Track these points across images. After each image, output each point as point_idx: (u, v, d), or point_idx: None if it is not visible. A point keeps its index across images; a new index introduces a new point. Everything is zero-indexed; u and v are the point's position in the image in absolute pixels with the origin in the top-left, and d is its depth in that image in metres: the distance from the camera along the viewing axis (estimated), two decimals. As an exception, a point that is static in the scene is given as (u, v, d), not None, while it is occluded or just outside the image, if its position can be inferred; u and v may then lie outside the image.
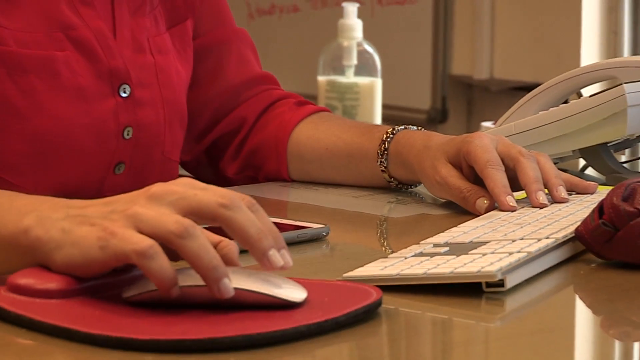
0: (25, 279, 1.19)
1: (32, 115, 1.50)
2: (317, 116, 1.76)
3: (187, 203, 1.16)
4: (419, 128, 1.68)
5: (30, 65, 1.52)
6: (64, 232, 1.18)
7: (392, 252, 1.33)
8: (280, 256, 1.15)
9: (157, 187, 1.18)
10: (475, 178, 1.59)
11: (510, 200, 1.50)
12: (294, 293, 1.16)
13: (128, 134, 1.59)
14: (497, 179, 1.55)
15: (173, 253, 1.15)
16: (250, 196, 1.21)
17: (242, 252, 1.25)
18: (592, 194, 1.56)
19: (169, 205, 1.16)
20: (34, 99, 1.52)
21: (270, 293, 1.15)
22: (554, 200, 1.55)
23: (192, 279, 1.17)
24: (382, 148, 1.68)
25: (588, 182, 1.58)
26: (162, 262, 1.12)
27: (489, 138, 1.59)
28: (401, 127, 1.70)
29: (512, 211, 1.52)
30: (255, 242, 1.17)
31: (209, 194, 1.17)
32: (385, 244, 1.36)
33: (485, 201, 1.57)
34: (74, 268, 1.17)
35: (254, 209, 1.19)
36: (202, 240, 1.12)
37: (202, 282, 1.15)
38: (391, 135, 1.67)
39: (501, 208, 1.55)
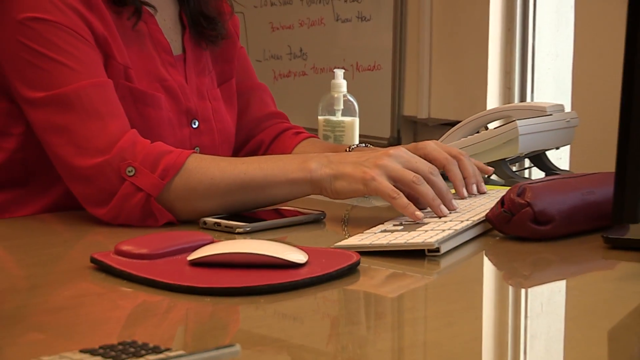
0: (126, 247, 1.24)
1: (144, 132, 1.49)
2: (308, 140, 1.77)
3: (412, 165, 1.37)
4: (367, 145, 1.71)
5: (146, 100, 1.55)
6: (337, 171, 1.37)
7: (366, 229, 1.38)
8: (444, 208, 1.36)
9: (393, 151, 1.39)
10: None
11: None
12: (300, 257, 1.20)
13: (196, 151, 1.59)
14: (455, 173, 1.54)
15: None
16: None
17: (259, 231, 1.38)
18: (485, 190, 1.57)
19: (402, 163, 1.36)
20: (146, 122, 1.54)
21: (284, 257, 1.20)
22: (470, 192, 1.54)
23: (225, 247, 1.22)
24: None
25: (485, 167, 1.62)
26: (402, 200, 1.33)
27: (436, 143, 1.59)
28: (354, 145, 1.73)
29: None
30: (460, 188, 1.48)
31: (421, 163, 1.39)
32: (361, 224, 1.37)
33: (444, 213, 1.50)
34: (342, 194, 1.39)
35: (450, 153, 1.46)
36: (427, 186, 1.35)
37: (233, 250, 1.21)
38: (348, 149, 1.69)
39: (459, 194, 1.54)
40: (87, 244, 1.35)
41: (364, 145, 1.71)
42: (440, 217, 1.41)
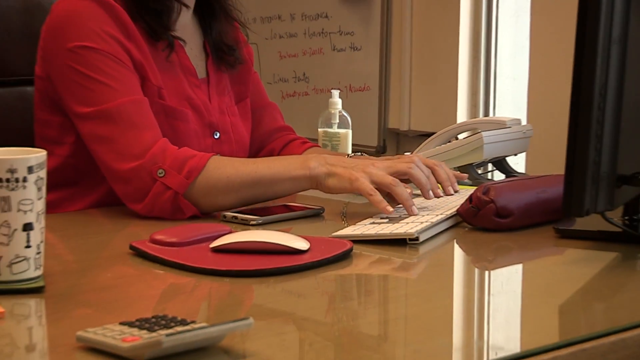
0: (159, 236, 1.23)
1: (174, 142, 1.46)
2: (312, 149, 1.73)
3: (393, 169, 1.38)
4: (362, 154, 1.67)
5: (176, 115, 1.53)
6: (331, 170, 1.37)
7: (358, 222, 1.37)
8: (415, 208, 1.35)
9: (377, 162, 1.40)
10: (404, 181, 1.51)
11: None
12: (303, 244, 1.20)
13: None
14: (430, 179, 1.49)
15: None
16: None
17: (269, 223, 1.37)
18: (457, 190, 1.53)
19: (384, 169, 1.37)
20: (176, 133, 1.52)
21: (290, 245, 1.19)
22: (446, 192, 1.49)
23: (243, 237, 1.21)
24: None
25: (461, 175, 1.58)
26: (377, 197, 1.34)
27: (418, 156, 1.56)
28: (352, 154, 1.70)
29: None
30: (424, 186, 1.39)
31: (402, 164, 1.39)
32: (354, 218, 1.36)
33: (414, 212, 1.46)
34: (333, 190, 1.39)
35: (426, 164, 1.42)
36: (402, 188, 1.35)
37: (248, 239, 1.20)
38: (347, 157, 1.62)
39: (434, 193, 1.48)
40: (126, 234, 1.34)
41: (359, 154, 1.69)
42: (410, 215, 1.41)
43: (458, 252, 1.35)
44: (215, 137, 1.60)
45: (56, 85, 1.49)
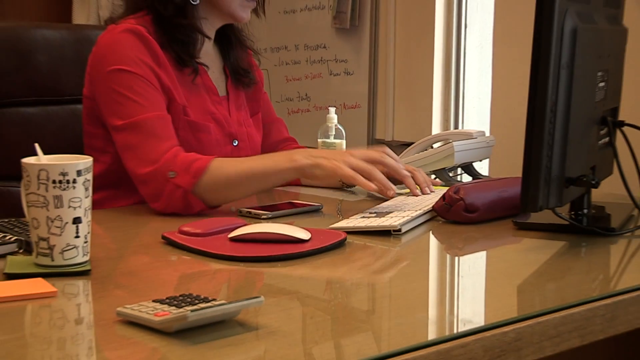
0: (186, 228, 1.23)
1: (199, 150, 1.46)
2: None
3: (368, 157, 1.35)
4: None
5: (199, 128, 1.53)
6: (315, 161, 1.34)
7: (351, 216, 1.37)
8: (391, 192, 1.35)
9: (354, 151, 1.36)
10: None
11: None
12: (305, 235, 1.20)
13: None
14: (409, 182, 1.47)
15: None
16: (288, 193, 1.32)
17: (277, 217, 1.36)
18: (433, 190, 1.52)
19: (361, 157, 1.33)
20: (200, 143, 1.52)
21: (294, 235, 1.19)
22: (424, 192, 1.50)
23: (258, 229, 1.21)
24: None
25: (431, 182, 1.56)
26: (359, 178, 1.31)
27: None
28: None
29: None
30: (400, 170, 1.37)
31: (375, 153, 1.36)
32: (350, 211, 1.36)
33: (391, 192, 1.45)
34: (317, 178, 1.39)
35: (392, 156, 1.39)
36: (378, 172, 1.33)
37: (260, 230, 1.19)
38: None
39: (413, 193, 1.48)
40: (157, 227, 1.31)
41: None
42: (389, 197, 1.44)
43: (433, 241, 1.34)
44: (234, 144, 1.59)
45: (98, 103, 1.48)
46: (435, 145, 1.75)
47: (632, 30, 1.54)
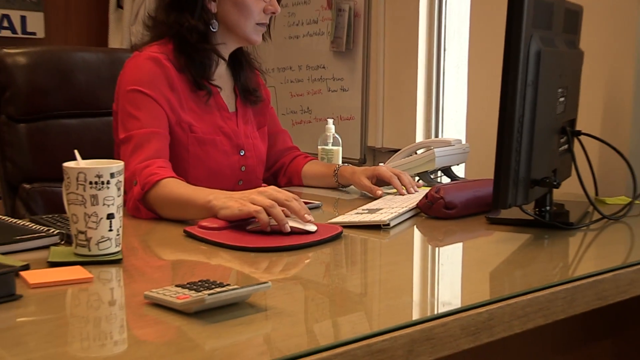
0: (205, 223, 1.22)
1: (208, 161, 1.48)
2: (312, 162, 1.71)
3: (273, 196, 1.21)
4: (347, 164, 1.68)
5: (208, 142, 1.50)
6: (224, 203, 1.23)
7: (346, 212, 1.36)
8: (288, 227, 1.17)
9: (260, 189, 1.24)
10: (376, 183, 1.56)
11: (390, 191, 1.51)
12: (312, 227, 1.20)
13: (243, 169, 1.58)
14: (396, 182, 1.52)
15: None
16: (293, 192, 1.26)
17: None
18: (417, 189, 1.53)
19: (265, 196, 1.20)
20: (207, 155, 1.50)
21: (303, 227, 1.19)
22: (409, 192, 1.51)
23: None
24: (335, 172, 1.64)
25: (416, 183, 1.57)
26: (264, 215, 1.17)
27: (390, 168, 1.58)
28: (341, 164, 1.72)
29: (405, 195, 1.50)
30: (298, 212, 1.20)
31: (280, 194, 1.22)
32: (346, 209, 1.36)
33: (379, 192, 1.52)
34: (228, 217, 1.21)
35: (291, 196, 1.23)
36: (277, 209, 1.18)
37: (272, 223, 1.19)
38: (338, 167, 1.65)
39: (399, 193, 1.51)
40: (179, 223, 1.30)
41: (346, 164, 1.68)
42: (378, 197, 1.42)
43: (417, 234, 1.33)
44: (241, 154, 1.56)
45: (117, 117, 1.46)
46: (419, 152, 1.75)
47: (587, 53, 1.55)
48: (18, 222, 1.20)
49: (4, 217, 1.23)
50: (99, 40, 3.12)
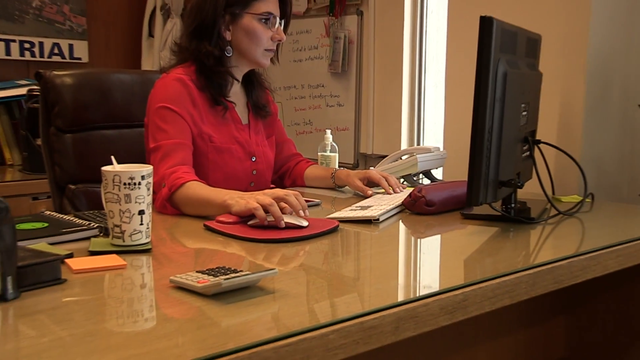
0: (221, 218, 1.22)
1: (225, 166, 1.47)
2: (313, 166, 1.69)
3: (275, 195, 1.20)
4: (342, 168, 1.66)
5: (224, 150, 1.49)
6: (236, 202, 1.22)
7: (342, 209, 1.35)
8: (283, 223, 1.16)
9: (266, 191, 1.24)
10: (367, 185, 1.55)
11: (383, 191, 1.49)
12: (304, 223, 1.18)
13: (254, 173, 1.56)
14: (384, 184, 1.51)
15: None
16: (297, 191, 1.27)
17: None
18: (402, 189, 1.52)
19: (267, 196, 1.20)
20: (225, 161, 1.49)
21: (296, 223, 1.18)
22: (395, 192, 1.50)
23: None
24: (332, 175, 1.63)
25: (401, 184, 1.56)
26: (261, 212, 1.17)
27: (378, 171, 1.57)
28: (338, 168, 1.69)
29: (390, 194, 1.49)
30: (295, 206, 1.20)
31: (280, 192, 1.22)
32: (341, 206, 1.35)
33: (370, 192, 1.52)
34: (239, 213, 1.20)
35: (294, 195, 1.22)
36: (275, 207, 1.17)
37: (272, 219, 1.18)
38: (335, 171, 1.63)
39: (387, 192, 1.50)
40: (200, 218, 1.29)
41: (342, 168, 1.67)
42: (369, 196, 1.40)
43: (402, 227, 1.32)
44: (253, 160, 1.55)
45: (147, 129, 1.45)
46: (403, 157, 1.74)
47: (545, 74, 1.54)
48: (64, 217, 1.19)
49: (52, 213, 1.22)
50: (133, 63, 3.13)
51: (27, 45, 2.62)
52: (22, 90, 2.48)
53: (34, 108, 2.19)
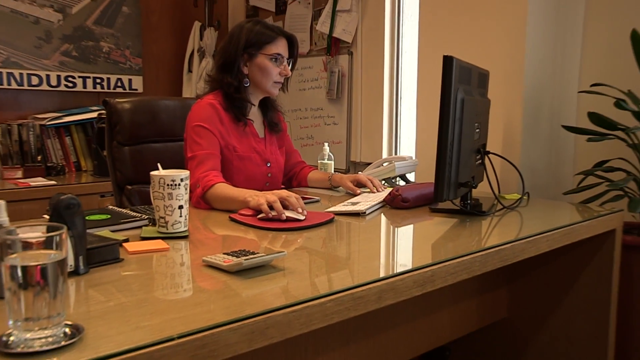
0: (243, 212, 1.20)
1: (246, 171, 1.44)
2: (313, 171, 1.65)
3: (279, 195, 1.18)
4: (336, 172, 1.64)
5: (245, 158, 1.46)
6: (253, 199, 1.20)
7: (337, 204, 1.34)
8: (284, 215, 1.14)
9: (274, 191, 1.21)
10: (356, 186, 1.53)
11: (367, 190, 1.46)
12: (301, 217, 1.16)
13: (269, 175, 1.53)
14: (369, 185, 1.48)
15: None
16: (299, 192, 1.23)
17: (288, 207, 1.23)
18: (384, 189, 1.48)
19: (274, 195, 1.18)
20: (246, 166, 1.46)
21: (295, 217, 1.15)
22: (378, 191, 1.48)
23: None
24: (329, 178, 1.59)
25: (383, 185, 1.54)
26: (265, 207, 1.15)
27: (365, 175, 1.55)
28: (333, 172, 1.66)
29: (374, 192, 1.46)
30: (294, 204, 1.17)
31: (284, 193, 1.19)
32: (336, 202, 1.33)
33: (359, 191, 1.48)
34: (255, 208, 1.18)
35: (294, 197, 1.20)
36: (278, 204, 1.15)
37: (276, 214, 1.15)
38: (331, 174, 1.60)
39: (372, 192, 1.46)
40: (227, 211, 1.27)
41: (336, 172, 1.64)
42: (357, 194, 1.36)
43: (384, 219, 1.30)
44: (268, 165, 1.52)
45: (185, 143, 1.43)
46: (384, 164, 1.72)
47: (492, 101, 1.54)
48: (123, 210, 1.18)
49: (114, 207, 1.22)
50: (176, 92, 3.21)
51: (98, 80, 2.78)
52: (94, 114, 2.62)
53: (102, 127, 2.22)
